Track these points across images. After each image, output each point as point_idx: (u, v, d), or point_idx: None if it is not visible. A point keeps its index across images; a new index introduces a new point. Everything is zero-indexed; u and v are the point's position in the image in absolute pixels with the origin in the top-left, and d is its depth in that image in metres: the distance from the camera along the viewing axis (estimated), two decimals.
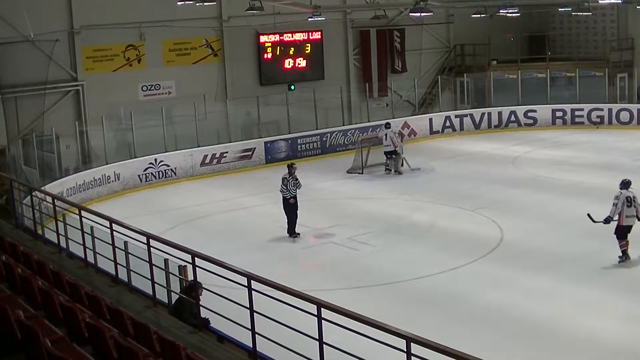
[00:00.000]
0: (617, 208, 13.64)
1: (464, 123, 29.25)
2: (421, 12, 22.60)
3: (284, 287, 7.77)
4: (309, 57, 29.14)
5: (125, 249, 10.49)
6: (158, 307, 9.71)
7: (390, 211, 18.67)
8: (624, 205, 13.62)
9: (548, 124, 29.07)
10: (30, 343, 6.19)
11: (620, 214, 13.63)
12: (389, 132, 22.98)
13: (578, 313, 11.78)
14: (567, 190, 19.52)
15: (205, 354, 7.71)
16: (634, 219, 13.76)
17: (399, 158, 22.94)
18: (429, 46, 32.43)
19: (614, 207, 13.68)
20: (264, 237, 16.76)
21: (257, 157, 25.14)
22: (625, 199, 13.65)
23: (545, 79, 30.09)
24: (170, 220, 18.52)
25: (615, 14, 31.69)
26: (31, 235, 13.88)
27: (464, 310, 12.19)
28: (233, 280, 8.30)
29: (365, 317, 6.75)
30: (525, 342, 10.83)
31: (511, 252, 14.93)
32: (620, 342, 10.66)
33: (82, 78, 24.41)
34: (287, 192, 16.37)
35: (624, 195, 13.69)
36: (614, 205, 13.69)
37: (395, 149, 22.73)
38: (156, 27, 25.29)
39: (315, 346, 7.23)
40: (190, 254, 9.01)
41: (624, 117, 28.11)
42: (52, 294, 7.92)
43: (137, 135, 22.88)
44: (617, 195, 13.74)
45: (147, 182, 22.73)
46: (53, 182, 19.50)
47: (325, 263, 15.22)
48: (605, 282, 13.03)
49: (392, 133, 22.97)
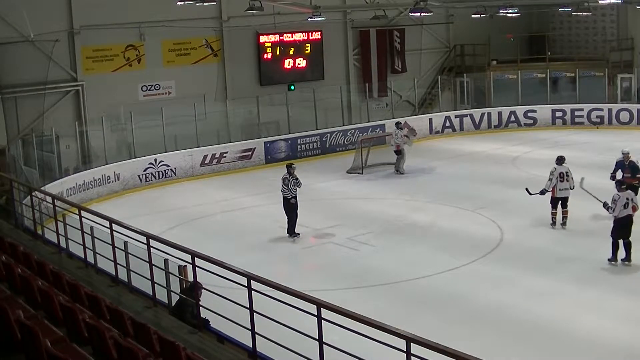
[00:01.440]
0: (552, 182, 15.68)
1: (464, 123, 29.25)
2: (421, 12, 22.59)
3: (284, 287, 7.77)
4: (308, 57, 29.14)
5: (125, 249, 10.49)
6: (158, 307, 9.71)
7: (390, 211, 18.66)
8: (558, 179, 15.62)
9: (548, 124, 29.08)
10: (30, 343, 6.18)
11: (554, 187, 15.62)
12: (398, 132, 23.04)
13: (578, 313, 11.78)
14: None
15: (205, 354, 7.71)
16: (567, 191, 15.74)
17: (402, 158, 22.93)
18: (428, 46, 32.44)
19: (549, 181, 15.73)
20: (264, 237, 16.75)
21: (257, 157, 25.14)
22: (559, 174, 15.66)
23: (545, 79, 30.08)
24: (170, 220, 18.52)
25: (615, 14, 31.69)
26: (31, 235, 13.88)
27: (464, 310, 12.19)
28: (233, 280, 8.30)
29: (365, 317, 6.75)
30: (525, 342, 10.83)
31: (511, 252, 14.93)
32: (620, 342, 10.66)
33: (82, 78, 24.41)
34: (289, 192, 16.36)
35: (558, 170, 15.71)
36: (549, 180, 15.72)
37: (398, 148, 22.70)
38: (156, 27, 25.29)
39: (315, 346, 7.23)
40: (190, 254, 9.01)
41: (624, 117, 28.11)
42: (52, 294, 7.92)
43: (137, 135, 22.88)
44: (552, 171, 15.76)
45: (147, 182, 22.72)
46: (53, 182, 19.50)
47: (325, 263, 15.22)
48: (605, 282, 13.04)
49: (400, 133, 22.98)
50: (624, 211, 13.36)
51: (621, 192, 13.52)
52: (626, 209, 13.38)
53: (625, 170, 16.28)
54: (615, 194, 13.54)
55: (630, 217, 13.41)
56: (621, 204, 13.37)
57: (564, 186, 15.68)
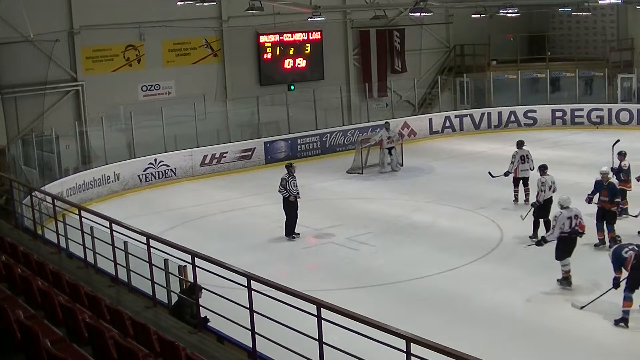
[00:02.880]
0: (514, 164, 17.53)
1: (464, 123, 29.24)
2: (421, 12, 22.61)
3: (284, 287, 7.77)
4: (308, 57, 29.14)
5: (125, 249, 10.49)
6: (158, 307, 9.71)
7: (390, 211, 18.66)
8: (519, 162, 17.46)
9: (548, 124, 29.07)
10: (30, 343, 6.18)
11: (516, 169, 17.43)
12: (383, 132, 23.27)
13: (577, 313, 11.77)
14: (567, 191, 19.32)
15: (205, 354, 7.70)
16: (527, 171, 17.49)
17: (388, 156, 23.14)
18: (428, 46, 32.44)
19: (511, 164, 17.59)
20: (264, 237, 16.75)
21: (257, 157, 25.14)
22: (520, 157, 17.51)
23: (545, 79, 30.07)
24: (170, 220, 18.52)
25: (615, 14, 31.70)
26: (31, 235, 13.88)
27: (464, 310, 12.19)
28: (233, 280, 8.29)
29: (365, 317, 6.75)
30: (525, 342, 10.83)
31: (511, 252, 14.92)
32: (619, 342, 10.67)
33: (81, 78, 24.41)
34: (286, 192, 16.36)
35: (519, 154, 17.58)
36: (511, 162, 17.58)
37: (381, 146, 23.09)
38: (156, 27, 25.29)
39: (315, 346, 7.23)
40: (190, 254, 9.00)
41: (624, 117, 28.10)
42: (52, 294, 7.92)
43: (137, 135, 22.88)
44: (514, 154, 17.65)
45: (147, 182, 22.72)
46: (53, 182, 19.49)
47: (325, 263, 15.22)
48: (605, 282, 12.99)
49: (385, 133, 23.15)
50: (522, 172, 16.60)
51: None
52: (523, 164, 16.44)
53: (603, 193, 14.63)
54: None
55: (527, 177, 16.32)
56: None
57: (524, 167, 17.57)
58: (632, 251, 11.02)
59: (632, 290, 10.98)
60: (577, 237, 12.79)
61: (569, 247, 12.73)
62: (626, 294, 11.01)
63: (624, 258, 11.05)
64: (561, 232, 12.64)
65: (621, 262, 11.11)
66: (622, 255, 11.07)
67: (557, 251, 12.77)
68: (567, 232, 12.62)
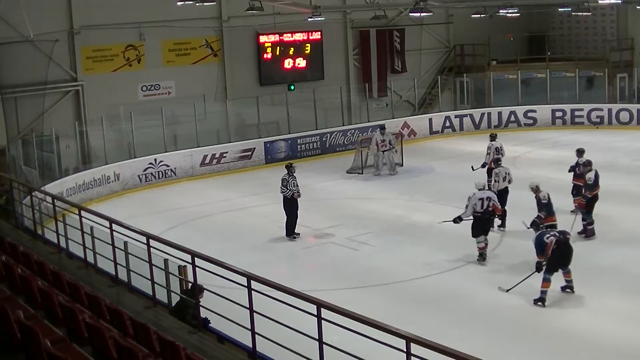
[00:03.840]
0: (490, 156, 18.24)
1: (464, 123, 29.23)
2: (421, 12, 22.61)
3: (284, 287, 7.77)
4: (308, 57, 29.14)
5: (125, 249, 10.49)
6: (158, 307, 9.71)
7: (390, 211, 18.66)
8: (494, 153, 18.21)
9: (548, 124, 29.06)
10: (30, 343, 6.19)
11: (492, 160, 17.72)
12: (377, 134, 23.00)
13: (577, 313, 11.79)
14: (567, 191, 19.42)
15: (205, 354, 7.71)
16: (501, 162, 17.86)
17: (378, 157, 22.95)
18: (428, 46, 32.44)
19: (487, 155, 18.46)
20: (264, 237, 16.75)
21: (257, 157, 25.14)
22: (495, 149, 18.48)
23: (545, 79, 30.08)
24: (170, 220, 18.52)
25: (615, 14, 31.69)
26: (31, 235, 13.88)
27: (464, 310, 12.19)
28: (233, 280, 8.30)
29: (365, 317, 6.75)
30: (524, 342, 10.85)
31: (511, 252, 14.91)
32: (619, 342, 10.66)
33: (81, 78, 24.42)
34: (288, 191, 16.36)
35: (494, 145, 18.59)
36: (487, 154, 18.49)
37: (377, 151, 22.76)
38: (156, 27, 25.29)
39: (315, 346, 7.23)
40: (190, 254, 9.00)
41: (624, 117, 28.10)
42: (52, 294, 7.92)
43: (136, 135, 22.88)
44: (489, 147, 18.58)
45: (147, 182, 22.72)
46: (53, 182, 19.49)
47: (325, 263, 15.22)
48: (605, 282, 13.04)
49: (379, 136, 22.80)
50: (502, 184, 16.21)
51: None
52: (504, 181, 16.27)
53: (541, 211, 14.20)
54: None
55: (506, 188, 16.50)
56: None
57: (497, 157, 17.97)
58: (553, 237, 12.04)
59: (551, 273, 12.03)
60: (491, 217, 14.36)
61: (483, 226, 14.15)
62: (545, 276, 12.04)
63: (545, 243, 12.00)
64: (474, 212, 14.15)
65: (543, 247, 12.03)
66: (544, 241, 12.03)
67: (473, 229, 14.18)
68: (479, 212, 14.10)
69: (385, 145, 22.85)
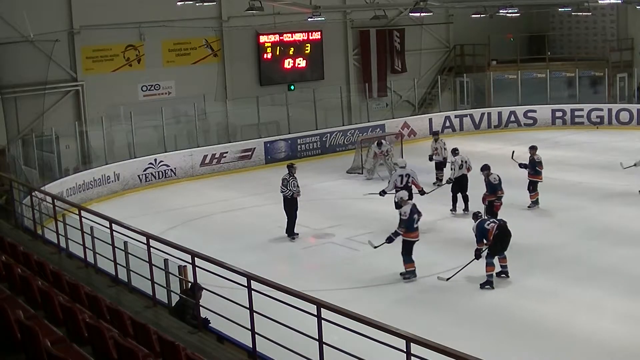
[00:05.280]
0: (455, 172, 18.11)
1: (464, 123, 29.23)
2: (421, 12, 22.60)
3: (284, 287, 7.77)
4: (308, 57, 29.15)
5: (125, 249, 10.48)
6: (158, 307, 9.71)
7: (390, 211, 18.58)
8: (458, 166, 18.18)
9: (548, 124, 29.07)
10: (30, 343, 6.18)
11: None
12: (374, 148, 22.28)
13: (577, 313, 11.78)
14: (567, 191, 19.53)
15: (205, 354, 7.71)
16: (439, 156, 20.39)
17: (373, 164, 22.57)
18: (428, 46, 32.45)
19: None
20: (264, 237, 16.75)
21: (257, 157, 25.14)
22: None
23: (545, 79, 30.08)
24: (170, 220, 18.52)
25: (615, 14, 31.72)
26: (31, 235, 13.88)
27: (463, 310, 12.20)
28: (233, 280, 8.29)
29: (365, 317, 6.75)
30: (524, 342, 10.84)
31: (511, 252, 14.88)
32: (619, 342, 10.67)
33: (81, 78, 24.43)
34: (289, 191, 16.36)
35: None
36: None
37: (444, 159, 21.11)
38: (156, 27, 25.30)
39: (315, 346, 7.23)
40: (190, 254, 9.00)
41: (624, 117, 28.11)
42: (52, 294, 7.92)
43: (137, 135, 22.88)
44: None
45: (147, 182, 22.72)
46: (53, 182, 19.48)
47: (325, 263, 15.22)
48: (605, 282, 13.03)
49: (377, 149, 22.20)
50: (459, 172, 17.48)
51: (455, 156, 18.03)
52: (460, 169, 17.50)
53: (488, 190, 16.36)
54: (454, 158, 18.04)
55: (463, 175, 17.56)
56: (457, 165, 17.89)
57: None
58: (493, 223, 12.86)
59: (493, 257, 12.78)
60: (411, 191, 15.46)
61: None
62: (488, 260, 12.77)
63: (486, 229, 12.77)
64: (395, 186, 16.32)
65: (484, 233, 12.77)
66: (485, 227, 12.80)
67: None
68: (400, 186, 16.14)
69: (383, 154, 22.69)
